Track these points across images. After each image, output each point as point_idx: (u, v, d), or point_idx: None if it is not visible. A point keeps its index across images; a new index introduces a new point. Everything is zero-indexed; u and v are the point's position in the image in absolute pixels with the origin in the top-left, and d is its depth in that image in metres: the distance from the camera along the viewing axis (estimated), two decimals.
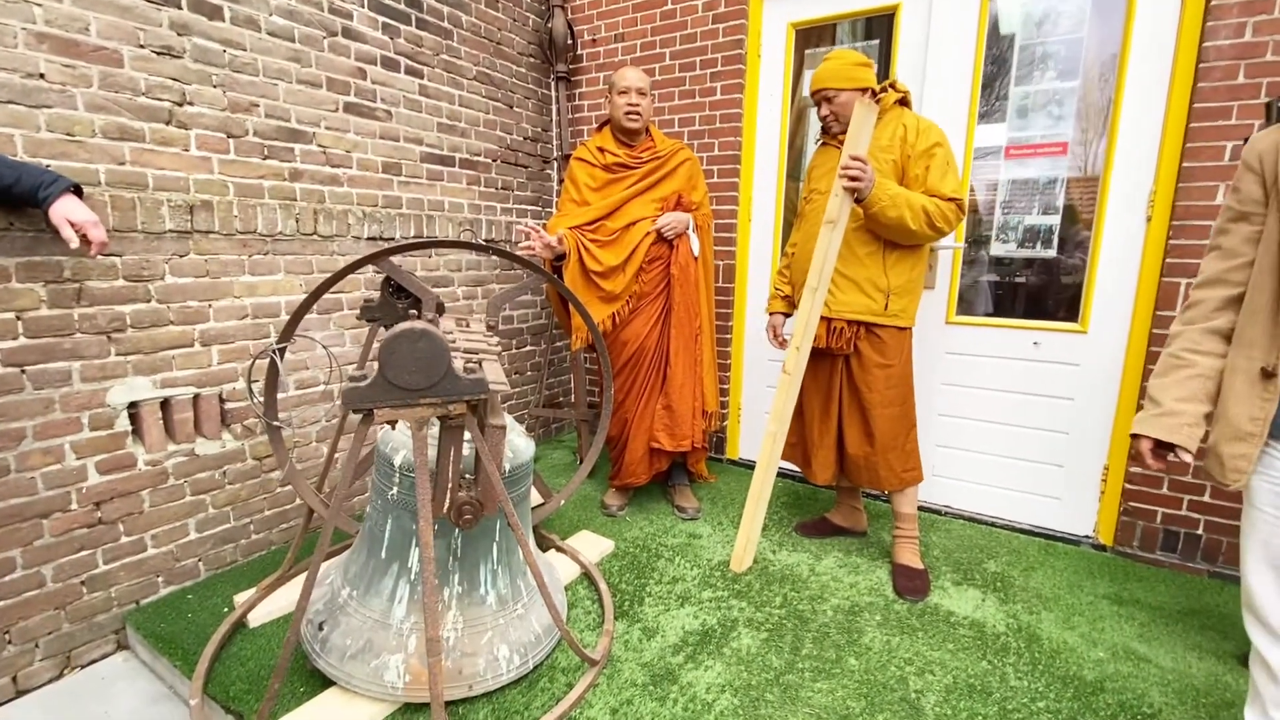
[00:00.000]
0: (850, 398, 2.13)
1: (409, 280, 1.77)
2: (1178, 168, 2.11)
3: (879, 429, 2.07)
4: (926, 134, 1.97)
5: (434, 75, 2.69)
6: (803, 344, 2.01)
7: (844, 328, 2.05)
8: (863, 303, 2.03)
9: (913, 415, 2.15)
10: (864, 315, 2.03)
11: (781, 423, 2.08)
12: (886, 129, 2.01)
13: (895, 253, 2.02)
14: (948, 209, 1.91)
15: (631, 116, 2.40)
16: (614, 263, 2.33)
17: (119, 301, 1.79)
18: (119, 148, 1.81)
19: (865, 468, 2.12)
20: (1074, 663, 1.74)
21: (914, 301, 2.08)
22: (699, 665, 1.69)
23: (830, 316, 2.05)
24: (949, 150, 1.98)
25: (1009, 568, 2.24)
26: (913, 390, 2.15)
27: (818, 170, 2.18)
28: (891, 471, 2.10)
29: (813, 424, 2.22)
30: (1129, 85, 2.16)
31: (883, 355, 2.06)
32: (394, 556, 1.55)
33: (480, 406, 1.31)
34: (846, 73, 2.00)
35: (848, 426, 2.15)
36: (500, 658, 1.55)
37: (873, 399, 2.07)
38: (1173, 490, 2.23)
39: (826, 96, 2.03)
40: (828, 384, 2.17)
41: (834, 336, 2.06)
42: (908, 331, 2.10)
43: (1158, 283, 2.18)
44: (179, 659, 1.70)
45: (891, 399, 2.07)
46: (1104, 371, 2.32)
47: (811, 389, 2.20)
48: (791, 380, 2.04)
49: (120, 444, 1.83)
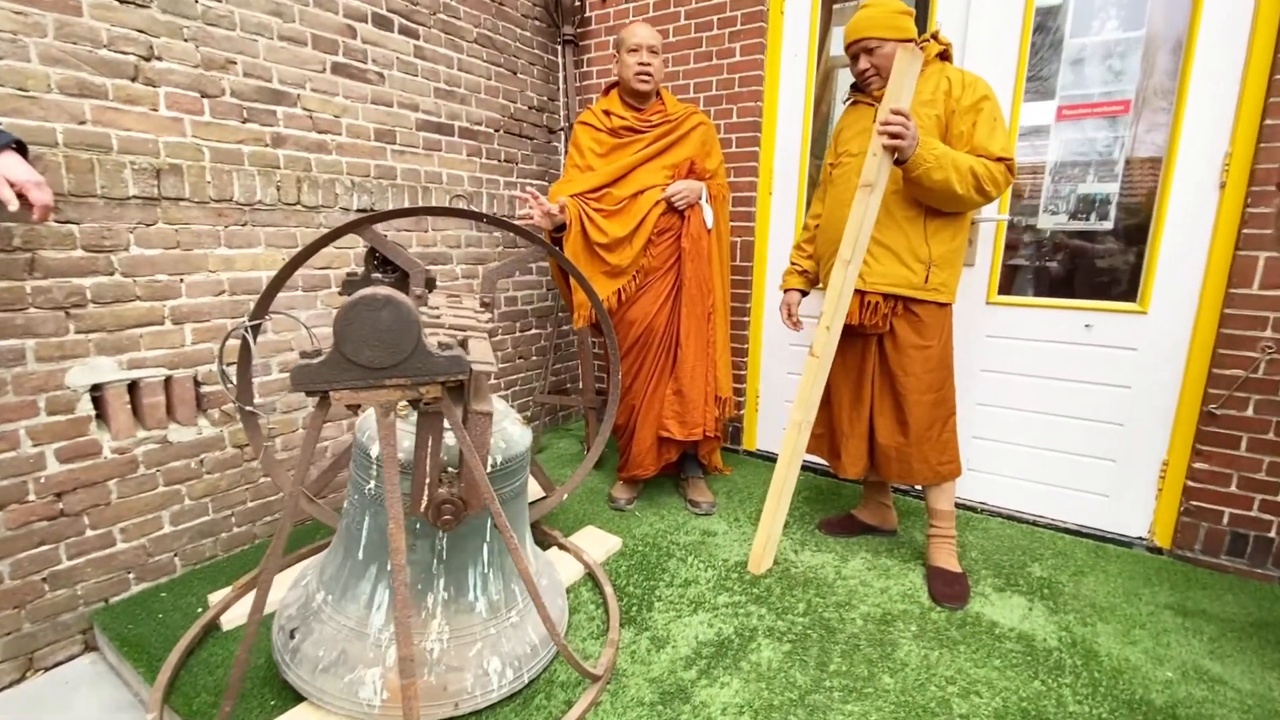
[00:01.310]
0: (883, 382, 1.93)
1: (394, 251, 1.58)
2: (1259, 126, 1.86)
3: (914, 416, 1.88)
4: (973, 87, 1.76)
5: (430, 36, 2.50)
6: (834, 323, 1.81)
7: (879, 302, 1.85)
8: (901, 274, 1.82)
9: (952, 402, 1.94)
10: (902, 288, 1.83)
11: (808, 410, 1.88)
12: (928, 82, 1.80)
13: (937, 219, 1.81)
14: (997, 170, 1.70)
15: (643, 77, 2.19)
16: (620, 234, 2.14)
17: (77, 274, 1.63)
18: (78, 105, 1.64)
19: (897, 459, 1.93)
20: (1139, 684, 1.54)
21: (955, 274, 1.87)
22: (714, 681, 1.51)
23: (864, 290, 1.85)
24: (996, 105, 1.77)
25: (1056, 572, 2.03)
26: (952, 374, 1.94)
27: (848, 131, 1.96)
28: (926, 464, 1.90)
29: (841, 412, 2.03)
30: (1202, 32, 1.91)
31: (921, 335, 1.86)
32: (372, 558, 1.38)
33: (463, 389, 1.13)
34: (890, 20, 1.78)
35: (878, 414, 1.95)
36: (491, 672, 1.39)
37: (909, 384, 1.87)
38: (1242, 489, 2.00)
39: (866, 48, 1.81)
40: (859, 367, 1.97)
41: (868, 312, 1.86)
42: (948, 309, 1.90)
43: (1231, 257, 1.94)
44: (144, 664, 1.55)
45: (929, 384, 1.87)
46: (1165, 356, 2.09)
47: (840, 374, 2.00)
48: (820, 364, 1.85)
49: (83, 430, 1.68)
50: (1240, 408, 1.97)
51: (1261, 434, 1.95)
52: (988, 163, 1.70)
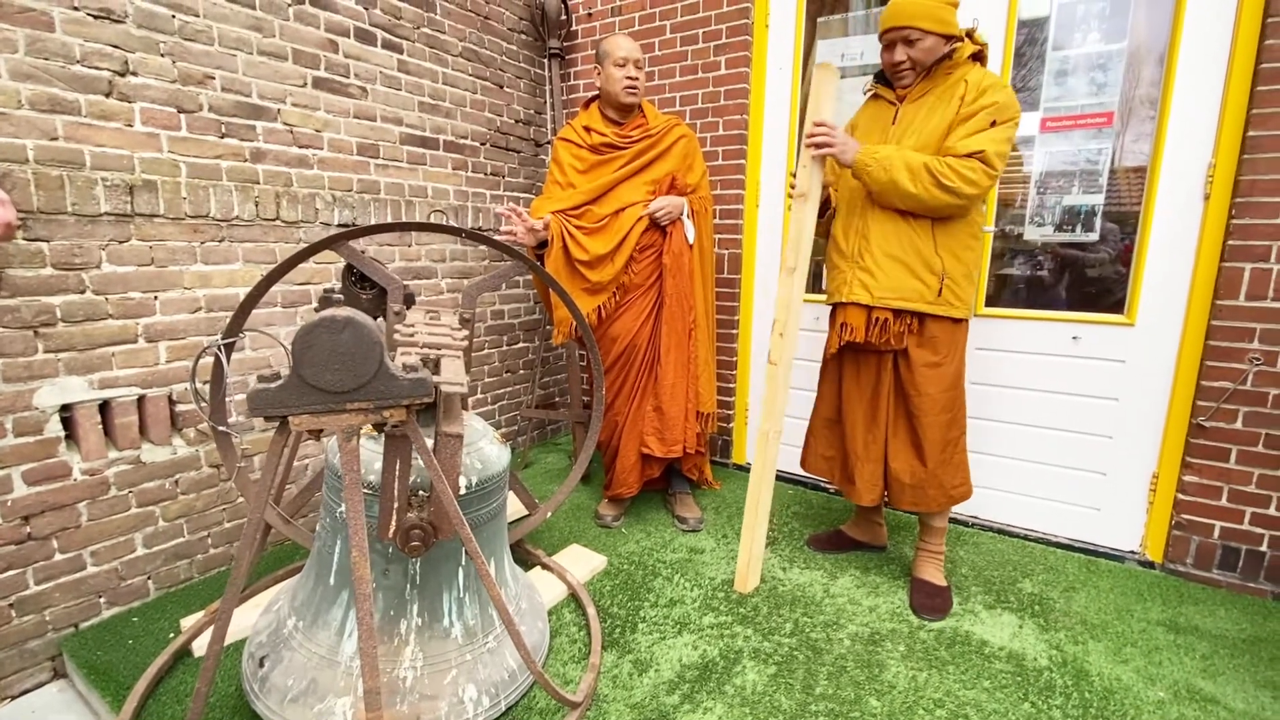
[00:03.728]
0: (898, 403, 1.84)
1: (372, 268, 1.56)
2: (1241, 137, 1.86)
3: (929, 439, 1.78)
4: (986, 93, 1.65)
5: (415, 50, 2.49)
6: (786, 330, 1.79)
7: (889, 319, 1.75)
8: (912, 287, 1.73)
9: (963, 421, 1.85)
10: (913, 302, 1.73)
11: (775, 419, 1.85)
12: (949, 92, 1.69)
13: (944, 228, 1.72)
14: (962, 165, 1.60)
15: (631, 90, 2.18)
16: (601, 251, 2.11)
17: (47, 292, 1.60)
18: (49, 121, 1.62)
19: (912, 487, 1.82)
20: (1131, 705, 1.51)
21: (971, 287, 1.78)
22: (697, 707, 1.47)
23: (871, 304, 1.76)
24: (1002, 110, 1.64)
25: (1047, 588, 2.00)
26: (964, 392, 1.85)
27: (860, 130, 1.87)
28: (941, 490, 1.80)
29: (856, 435, 1.91)
30: (1184, 45, 1.91)
31: (934, 351, 1.77)
32: (344, 583, 1.35)
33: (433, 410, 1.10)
34: (937, 13, 1.64)
35: (893, 437, 1.85)
36: (466, 700, 1.35)
37: (922, 404, 1.77)
38: (1233, 502, 1.98)
39: (907, 38, 1.67)
40: (874, 387, 1.86)
41: (875, 329, 1.77)
42: (963, 324, 1.81)
43: (1217, 268, 1.93)
44: (111, 693, 1.51)
45: (943, 404, 1.77)
46: (1154, 368, 2.08)
47: (855, 393, 1.90)
48: (780, 370, 1.82)
49: (52, 451, 1.64)
50: (1229, 420, 1.95)
51: (1251, 446, 1.93)
52: (950, 159, 1.62)
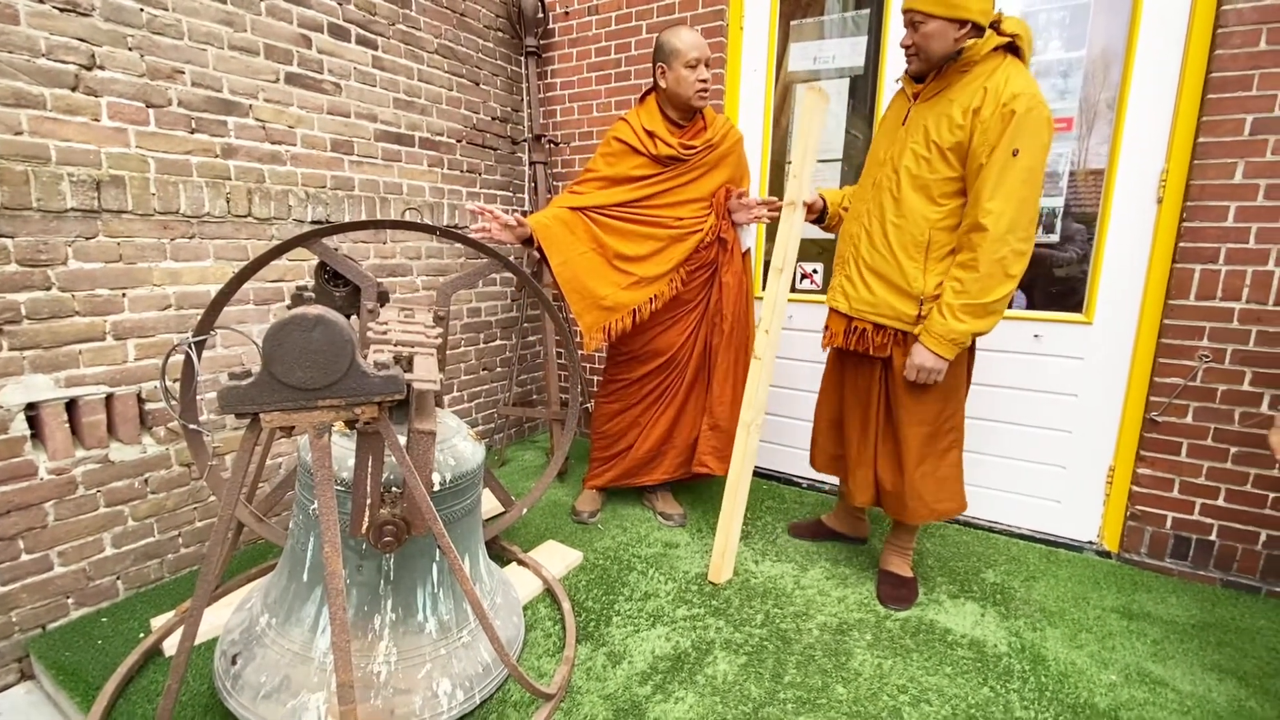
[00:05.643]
0: (885, 411, 1.83)
1: (345, 265, 1.56)
2: (1192, 144, 1.94)
3: (906, 448, 1.77)
4: (1005, 104, 1.47)
5: (389, 47, 2.48)
6: (771, 328, 1.83)
7: (868, 329, 1.75)
8: (889, 305, 1.70)
9: (954, 435, 1.81)
10: (890, 321, 1.71)
11: (756, 411, 1.90)
12: (964, 98, 1.55)
13: (939, 253, 1.64)
14: (992, 263, 1.49)
15: (703, 95, 2.07)
16: (643, 252, 2.10)
17: (11, 289, 1.58)
18: (14, 115, 1.59)
19: (891, 495, 1.84)
20: (1084, 688, 1.57)
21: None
22: (669, 697, 1.51)
23: (850, 314, 1.77)
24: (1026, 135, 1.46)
25: (1009, 577, 2.07)
26: (959, 406, 1.81)
27: (879, 130, 1.80)
28: (920, 502, 1.79)
29: (852, 437, 1.92)
30: (1139, 54, 1.98)
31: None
32: (317, 579, 1.35)
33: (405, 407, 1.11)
34: None
35: (881, 443, 1.85)
36: (440, 693, 1.36)
37: (901, 415, 1.77)
38: (1184, 494, 2.06)
39: (913, 20, 1.57)
40: (865, 394, 1.85)
41: (854, 338, 1.78)
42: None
43: (1169, 270, 2.01)
44: (80, 693, 1.49)
45: (922, 416, 1.75)
46: (1110, 365, 2.16)
47: (851, 399, 1.90)
48: (763, 365, 1.86)
49: (17, 450, 1.62)
50: (1180, 414, 2.03)
51: (1200, 440, 2.02)
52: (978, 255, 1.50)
